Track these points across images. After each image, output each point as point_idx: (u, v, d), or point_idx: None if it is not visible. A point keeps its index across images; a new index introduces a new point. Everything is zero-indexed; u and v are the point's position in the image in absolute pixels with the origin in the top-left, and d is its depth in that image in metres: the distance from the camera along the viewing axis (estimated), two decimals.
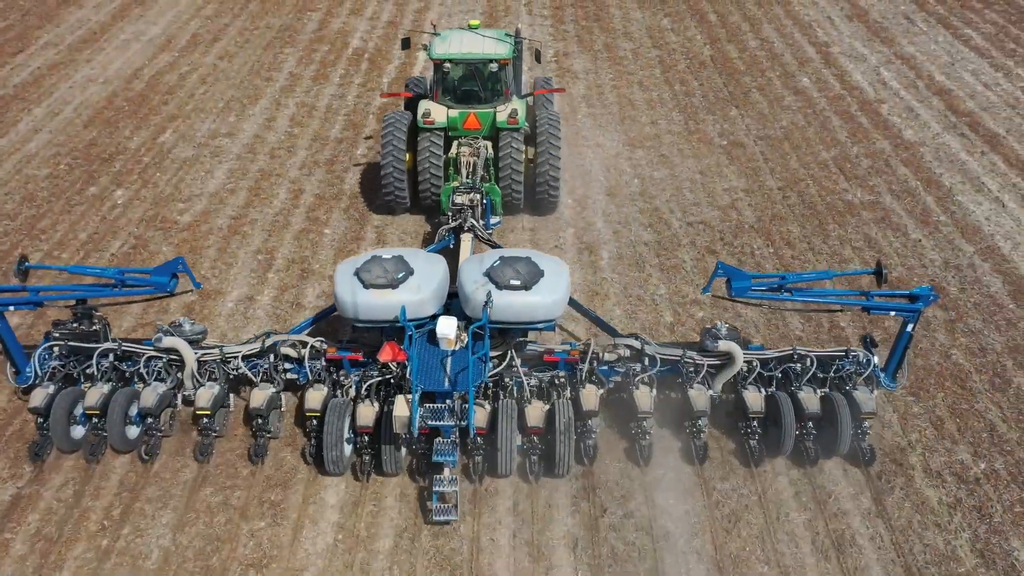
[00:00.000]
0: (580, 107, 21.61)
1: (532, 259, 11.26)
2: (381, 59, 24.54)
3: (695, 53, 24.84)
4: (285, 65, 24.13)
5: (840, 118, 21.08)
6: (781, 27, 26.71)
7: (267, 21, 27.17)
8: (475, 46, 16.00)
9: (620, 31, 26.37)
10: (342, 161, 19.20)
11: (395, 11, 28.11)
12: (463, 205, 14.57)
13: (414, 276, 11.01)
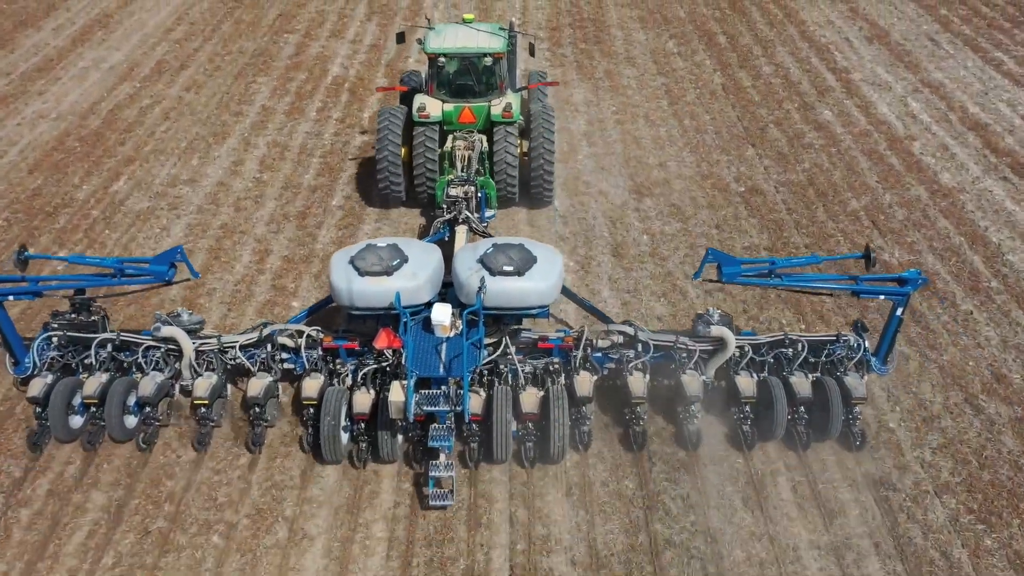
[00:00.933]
0: (581, 146, 19.58)
1: (525, 246, 11.41)
2: (362, 89, 22.45)
3: (704, 81, 22.81)
4: (257, 97, 22.03)
5: (868, 158, 19.08)
6: (796, 50, 24.69)
7: (240, 45, 25.07)
8: (469, 40, 16.03)
9: (622, 55, 24.32)
10: (315, 214, 17.13)
11: (379, 33, 26.02)
12: (457, 198, 14.64)
13: (409, 263, 11.16)
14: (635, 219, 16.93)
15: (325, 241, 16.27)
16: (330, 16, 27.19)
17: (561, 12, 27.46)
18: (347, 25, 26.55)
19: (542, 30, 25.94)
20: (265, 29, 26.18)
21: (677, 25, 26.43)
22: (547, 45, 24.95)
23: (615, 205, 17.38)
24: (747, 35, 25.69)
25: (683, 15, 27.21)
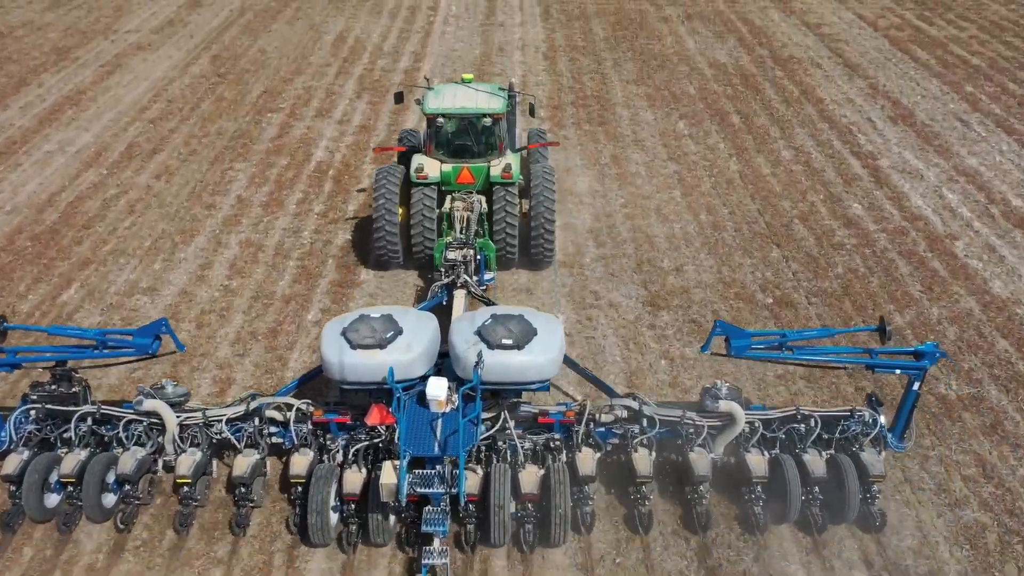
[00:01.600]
0: (587, 247, 17.67)
1: (525, 317, 11.00)
2: (348, 177, 20.65)
3: (720, 167, 21.03)
4: (233, 185, 20.20)
5: (907, 261, 17.16)
6: (816, 131, 22.99)
7: (219, 126, 23.35)
8: (469, 100, 15.79)
9: (630, 138, 22.60)
10: (287, 331, 15.09)
11: (369, 112, 24.36)
12: (456, 261, 14.47)
13: (403, 335, 10.75)
14: (651, 339, 14.88)
15: (295, 366, 14.20)
16: (317, 93, 25.59)
17: (563, 88, 25.88)
18: (335, 103, 24.91)
19: (543, 109, 24.30)
20: (248, 108, 24.52)
21: (687, 103, 24.81)
22: (548, 126, 23.26)
23: (628, 321, 15.36)
24: (762, 114, 24.04)
25: (693, 92, 25.63)
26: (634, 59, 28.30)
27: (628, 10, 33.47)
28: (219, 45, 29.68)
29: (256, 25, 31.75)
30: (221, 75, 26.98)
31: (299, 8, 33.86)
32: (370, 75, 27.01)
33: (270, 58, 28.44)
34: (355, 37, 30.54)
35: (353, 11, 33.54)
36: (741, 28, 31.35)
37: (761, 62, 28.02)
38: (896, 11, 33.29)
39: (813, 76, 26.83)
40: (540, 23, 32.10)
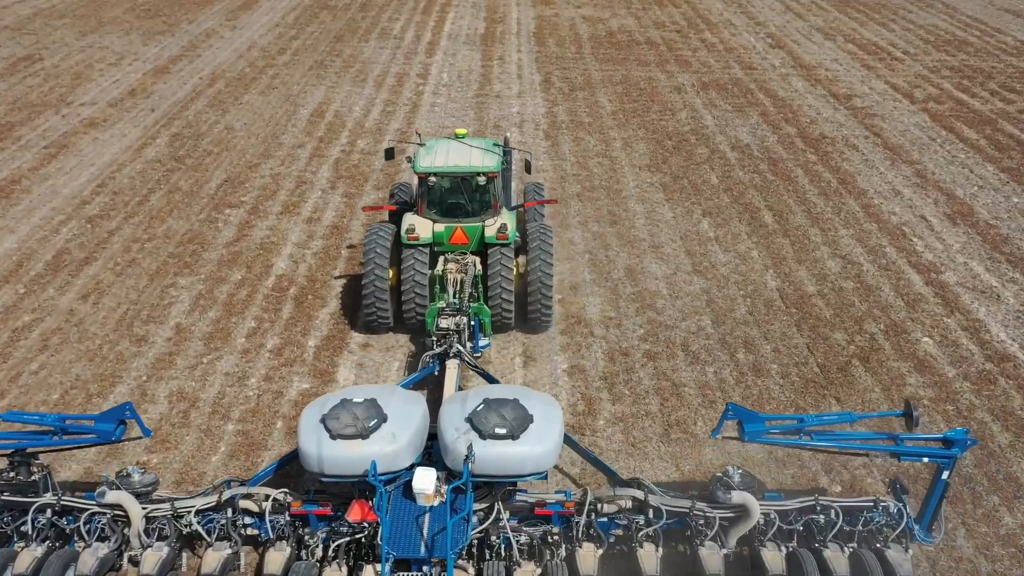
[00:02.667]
0: (601, 402, 14.21)
1: (520, 401, 10.12)
2: (312, 297, 17.29)
3: (755, 284, 17.69)
4: (173, 310, 16.82)
5: (1003, 426, 13.69)
6: (863, 235, 19.70)
7: (168, 226, 20.07)
8: (462, 158, 15.28)
9: (647, 243, 19.30)
10: None
11: (343, 207, 21.11)
12: (449, 330, 13.64)
13: (388, 423, 9.89)
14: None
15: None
16: (286, 182, 22.35)
17: (566, 176, 22.67)
18: (305, 195, 21.65)
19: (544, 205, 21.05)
20: (204, 202, 21.26)
21: (710, 195, 21.57)
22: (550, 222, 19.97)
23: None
24: (798, 211, 20.78)
25: (715, 181, 22.42)
26: (646, 138, 25.17)
27: (636, 78, 30.48)
28: (182, 121, 26.57)
29: (226, 96, 28.69)
30: (179, 159, 23.79)
31: (276, 76, 30.87)
32: (348, 159, 23.82)
33: (237, 137, 25.29)
34: (335, 111, 27.46)
35: (335, 79, 30.55)
36: (763, 100, 28.30)
37: (790, 142, 24.88)
38: (932, 80, 30.30)
39: (850, 160, 23.65)
40: (540, 93, 29.07)
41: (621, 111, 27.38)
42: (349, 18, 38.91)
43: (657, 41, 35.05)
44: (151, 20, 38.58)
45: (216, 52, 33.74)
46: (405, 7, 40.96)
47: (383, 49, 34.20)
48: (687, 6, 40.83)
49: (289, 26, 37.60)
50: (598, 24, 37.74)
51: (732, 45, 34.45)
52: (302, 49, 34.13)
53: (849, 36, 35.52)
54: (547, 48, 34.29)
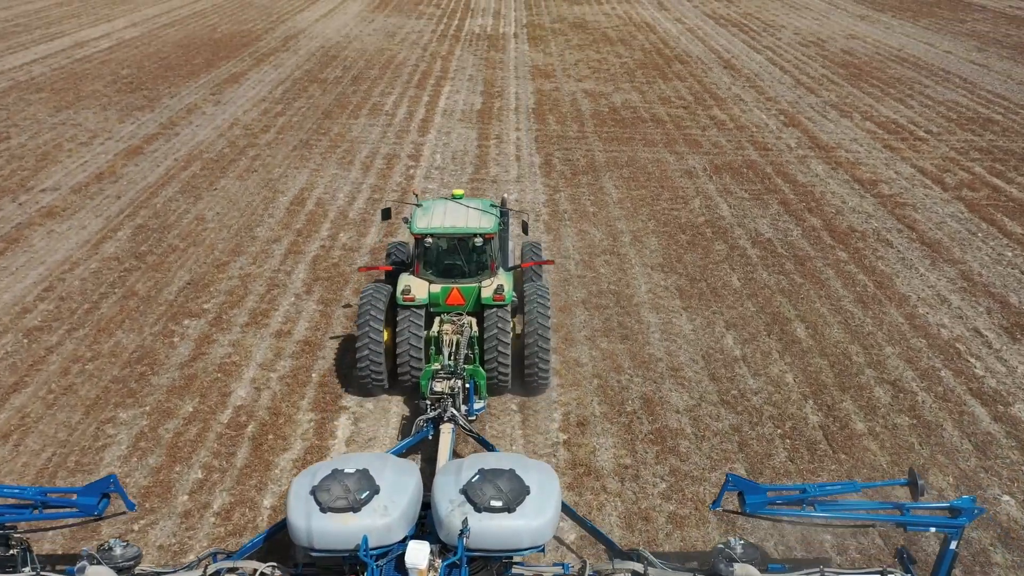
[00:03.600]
0: None
1: (516, 471, 9.71)
2: (273, 437, 14.67)
3: (795, 419, 15.10)
4: (107, 455, 14.16)
5: None
6: (912, 354, 17.20)
7: (117, 341, 17.55)
8: (458, 219, 15.23)
9: (664, 364, 16.76)
10: None
11: (318, 316, 18.64)
12: (443, 394, 13.33)
13: (380, 495, 9.49)
14: None
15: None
16: (256, 285, 19.94)
17: (571, 279, 20.28)
18: (276, 302, 19.21)
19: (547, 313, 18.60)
20: (162, 310, 18.79)
21: (732, 302, 19.15)
22: (552, 341, 17.53)
23: None
24: (834, 323, 18.32)
25: (737, 283, 20.03)
26: (657, 231, 22.89)
27: (644, 160, 28.40)
28: (149, 210, 24.31)
29: (200, 181, 26.52)
30: (140, 256, 21.42)
31: (257, 157, 28.79)
32: (327, 256, 21.46)
33: (207, 230, 22.99)
34: (317, 198, 25.25)
35: (320, 160, 28.45)
36: (782, 186, 26.15)
37: (816, 237, 22.58)
38: (961, 163, 28.23)
39: (885, 259, 21.31)
40: (540, 178, 26.93)
41: (629, 199, 25.17)
42: (339, 92, 37.15)
43: (664, 118, 33.16)
44: (131, 94, 36.79)
45: (196, 130, 31.76)
46: (399, 80, 39.27)
47: (373, 127, 32.25)
48: (693, 80, 39.15)
49: (276, 101, 35.77)
50: (601, 99, 35.94)
51: (743, 123, 32.53)
52: (287, 127, 32.17)
53: (866, 113, 33.66)
54: (547, 126, 32.36)
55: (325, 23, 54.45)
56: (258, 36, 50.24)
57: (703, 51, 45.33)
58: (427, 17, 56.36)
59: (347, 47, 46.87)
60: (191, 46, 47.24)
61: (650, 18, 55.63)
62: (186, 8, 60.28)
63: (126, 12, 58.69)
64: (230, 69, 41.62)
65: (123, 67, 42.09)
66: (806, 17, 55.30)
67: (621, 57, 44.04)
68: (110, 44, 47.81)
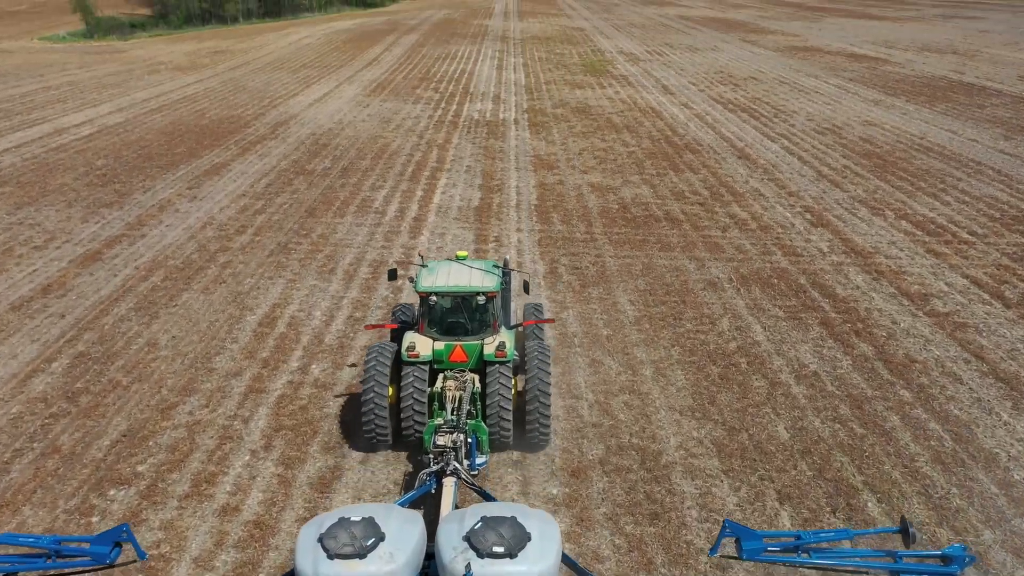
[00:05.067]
0: None
1: (518, 519, 10.00)
2: None
3: None
4: None
5: None
6: (1020, 540, 13.65)
7: (20, 523, 14.02)
8: (462, 278, 15.79)
9: (707, 562, 13.20)
10: None
11: (275, 485, 15.13)
12: (446, 448, 13.60)
13: (385, 542, 9.81)
14: None
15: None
16: (205, 437, 16.48)
17: (583, 427, 16.87)
18: (226, 462, 15.71)
19: (554, 487, 15.13)
20: (85, 474, 15.25)
21: (782, 462, 15.69)
22: (565, 521, 14.00)
23: None
24: (912, 495, 14.79)
25: (785, 436, 16.63)
26: (683, 361, 19.61)
27: (661, 269, 25.34)
28: (94, 333, 21.08)
29: (160, 295, 23.39)
30: (73, 396, 18.09)
31: (227, 264, 25.74)
32: (294, 397, 18.11)
33: (158, 359, 19.72)
34: (290, 317, 22.06)
35: (298, 268, 25.40)
36: (820, 301, 23.00)
37: (869, 369, 19.28)
38: (1017, 272, 25.13)
39: (958, 400, 17.96)
40: (545, 291, 23.79)
41: (647, 317, 21.97)
42: (327, 186, 34.43)
43: (679, 216, 30.29)
44: (102, 188, 34.08)
45: (164, 231, 28.84)
46: (391, 172, 36.64)
47: (360, 226, 29.34)
48: (706, 171, 36.52)
49: (257, 196, 33.00)
50: (609, 194, 33.18)
51: (767, 222, 29.64)
52: (266, 227, 29.26)
53: (899, 211, 30.82)
54: (551, 226, 29.45)
55: (318, 108, 52.46)
56: (247, 122, 48.07)
57: (714, 139, 42.98)
58: (424, 102, 54.45)
59: (339, 134, 44.57)
60: (175, 133, 44.96)
61: (655, 103, 53.68)
62: (176, 92, 58.54)
63: (114, 96, 56.90)
64: (212, 159, 39.10)
65: (99, 157, 39.60)
66: (817, 102, 53.35)
67: (628, 146, 41.62)
68: (90, 131, 45.56)
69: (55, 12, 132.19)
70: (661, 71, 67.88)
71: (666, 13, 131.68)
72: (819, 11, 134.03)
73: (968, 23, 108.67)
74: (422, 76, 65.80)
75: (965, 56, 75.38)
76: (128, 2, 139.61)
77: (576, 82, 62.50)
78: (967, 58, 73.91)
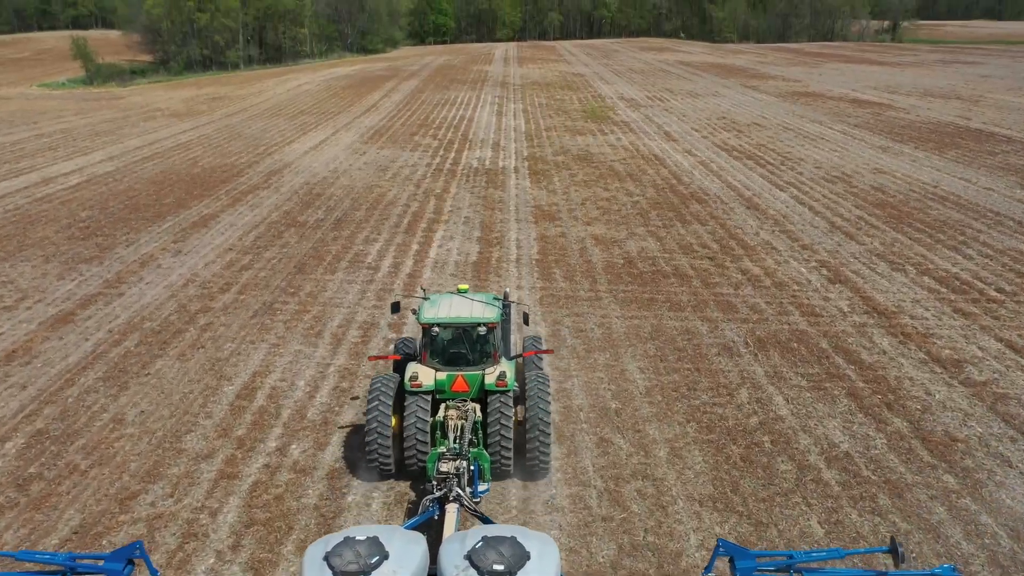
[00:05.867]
0: None
1: (518, 539, 10.21)
2: None
3: None
4: None
5: None
6: None
7: None
8: (463, 310, 16.24)
9: None
10: None
11: (265, 543, 13.33)
12: (448, 474, 13.91)
13: (389, 560, 10.03)
14: None
15: None
16: (165, 535, 14.59)
17: (593, 523, 14.99)
18: (188, 566, 13.83)
19: None
20: None
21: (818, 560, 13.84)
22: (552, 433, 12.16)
23: None
24: None
25: (819, 532, 14.72)
26: (700, 440, 17.81)
27: (671, 331, 23.65)
28: (56, 407, 19.33)
29: (131, 363, 21.67)
30: (23, 484, 16.26)
31: (207, 327, 24.07)
32: (270, 484, 16.28)
33: (123, 438, 17.93)
34: (271, 387, 20.32)
35: (283, 331, 23.72)
36: (845, 369, 21.25)
37: (907, 450, 17.47)
38: None
39: (1008, 487, 16.08)
40: (547, 357, 22.08)
41: (658, 388, 20.22)
42: (319, 239, 32.95)
43: (688, 272, 28.72)
44: (83, 242, 32.61)
45: (144, 289, 27.25)
46: (386, 224, 35.20)
47: (352, 283, 27.76)
48: (715, 223, 35.06)
49: (244, 250, 31.49)
50: (613, 247, 31.66)
51: (781, 278, 28.04)
52: (251, 284, 27.68)
53: (921, 266, 29.24)
54: (553, 282, 27.86)
55: (314, 156, 51.34)
56: (240, 171, 46.87)
57: (721, 188, 41.64)
58: (423, 149, 53.37)
59: (334, 183, 43.30)
60: (166, 183, 43.71)
61: (658, 150, 52.57)
62: (170, 140, 57.57)
63: (107, 144, 55.91)
64: (201, 210, 37.71)
65: (85, 207, 38.25)
66: (823, 148, 52.22)
67: (632, 195, 40.26)
68: (79, 180, 44.33)
69: (58, 59, 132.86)
70: (663, 117, 67.07)
71: (665, 59, 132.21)
72: (817, 57, 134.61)
73: (968, 68, 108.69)
74: (421, 122, 64.97)
75: (969, 101, 74.72)
76: (130, 49, 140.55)
77: (577, 128, 61.58)
78: (972, 103, 73.21)
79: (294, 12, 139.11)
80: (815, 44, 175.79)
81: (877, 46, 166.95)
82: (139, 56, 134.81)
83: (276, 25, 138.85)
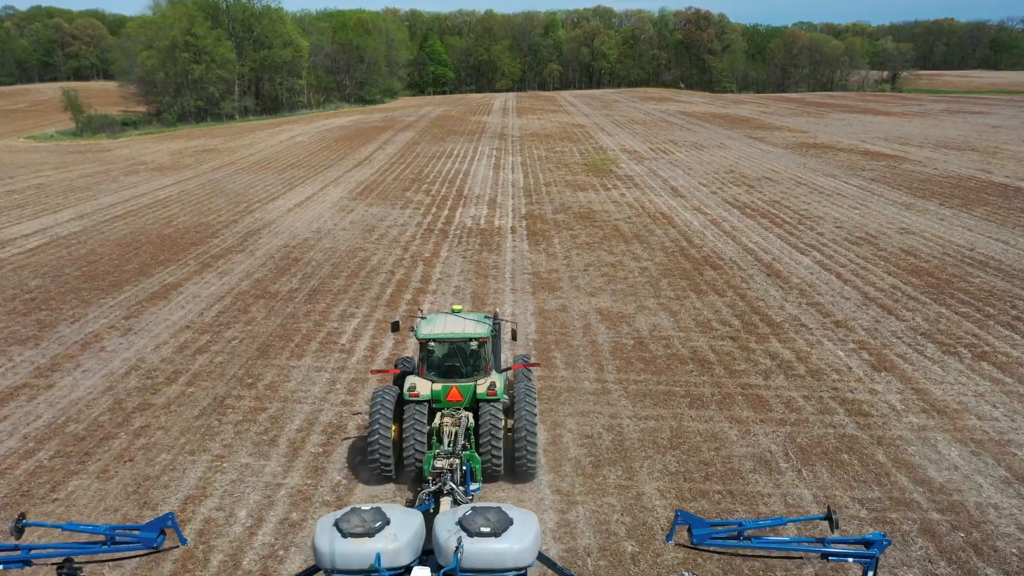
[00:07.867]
0: None
1: (503, 509, 11.36)
2: None
3: None
4: None
5: None
6: None
7: None
8: (457, 327, 17.68)
9: None
10: None
11: None
12: (443, 469, 15.16)
13: (391, 525, 11.11)
14: None
15: None
16: None
17: None
18: None
19: None
20: None
21: None
22: None
23: None
24: None
25: None
26: None
27: (693, 436, 19.76)
28: None
29: (40, 483, 17.69)
30: None
31: (142, 432, 20.11)
32: None
33: None
34: (203, 519, 16.31)
35: (231, 439, 19.79)
36: (912, 492, 17.25)
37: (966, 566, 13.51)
38: None
39: None
40: (546, 474, 18.16)
41: None
42: (289, 314, 29.26)
43: (708, 357, 24.93)
44: (23, 318, 28.92)
45: (78, 379, 23.46)
46: (366, 295, 31.53)
47: (320, 372, 23.96)
48: (733, 293, 31.38)
49: (203, 328, 27.79)
50: (621, 324, 27.93)
51: (816, 364, 24.25)
52: (204, 373, 23.89)
53: (975, 349, 25.45)
54: (554, 371, 24.05)
55: (297, 214, 48.01)
56: (215, 231, 43.46)
57: (736, 251, 38.09)
58: (414, 206, 50.06)
59: (315, 246, 39.82)
60: (132, 244, 40.26)
61: (665, 207, 49.23)
62: (148, 196, 54.38)
63: (80, 201, 52.69)
64: (164, 278, 34.10)
65: (36, 275, 34.67)
66: (842, 205, 48.88)
67: (639, 259, 36.68)
68: (39, 243, 40.89)
69: (52, 111, 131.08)
70: (668, 170, 64.01)
71: (667, 109, 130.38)
72: (821, 106, 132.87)
73: (977, 118, 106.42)
74: (414, 177, 61.89)
75: (986, 153, 71.81)
76: (127, 100, 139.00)
77: (578, 183, 58.40)
78: (989, 155, 70.27)
79: (292, 63, 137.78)
80: (817, 94, 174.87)
81: (879, 95, 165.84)
82: (135, 107, 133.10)
83: (273, 76, 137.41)
